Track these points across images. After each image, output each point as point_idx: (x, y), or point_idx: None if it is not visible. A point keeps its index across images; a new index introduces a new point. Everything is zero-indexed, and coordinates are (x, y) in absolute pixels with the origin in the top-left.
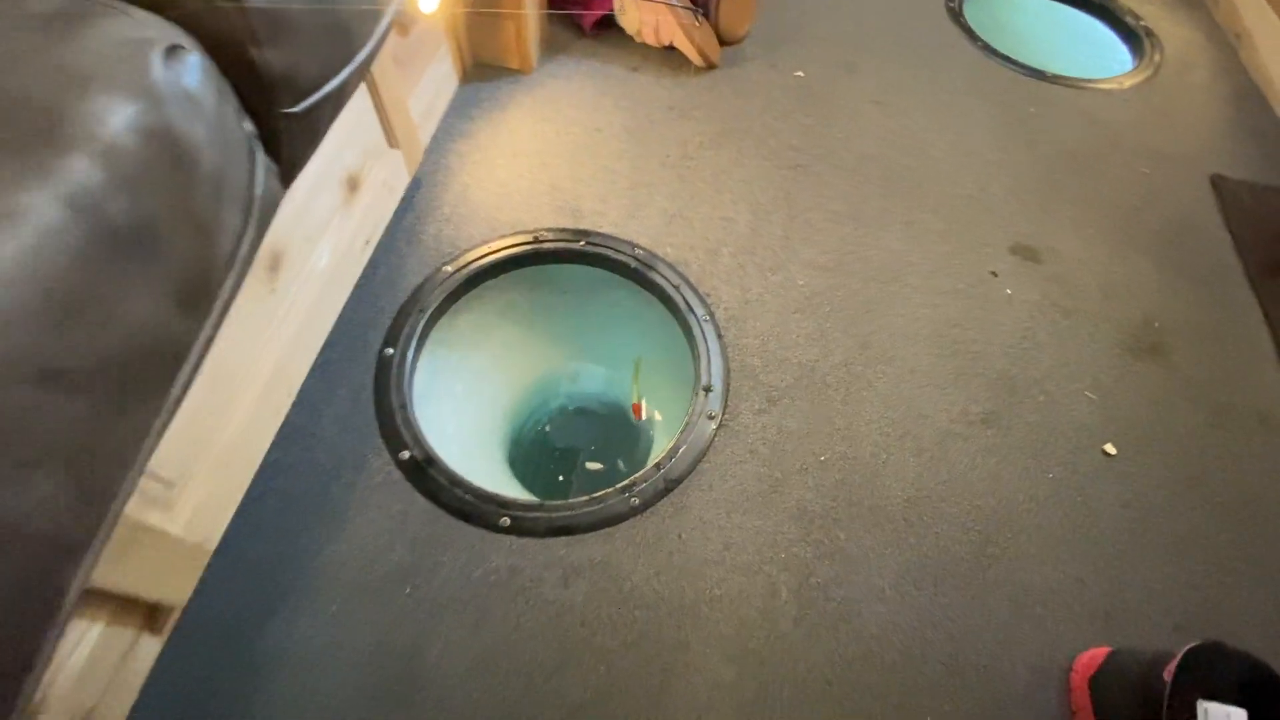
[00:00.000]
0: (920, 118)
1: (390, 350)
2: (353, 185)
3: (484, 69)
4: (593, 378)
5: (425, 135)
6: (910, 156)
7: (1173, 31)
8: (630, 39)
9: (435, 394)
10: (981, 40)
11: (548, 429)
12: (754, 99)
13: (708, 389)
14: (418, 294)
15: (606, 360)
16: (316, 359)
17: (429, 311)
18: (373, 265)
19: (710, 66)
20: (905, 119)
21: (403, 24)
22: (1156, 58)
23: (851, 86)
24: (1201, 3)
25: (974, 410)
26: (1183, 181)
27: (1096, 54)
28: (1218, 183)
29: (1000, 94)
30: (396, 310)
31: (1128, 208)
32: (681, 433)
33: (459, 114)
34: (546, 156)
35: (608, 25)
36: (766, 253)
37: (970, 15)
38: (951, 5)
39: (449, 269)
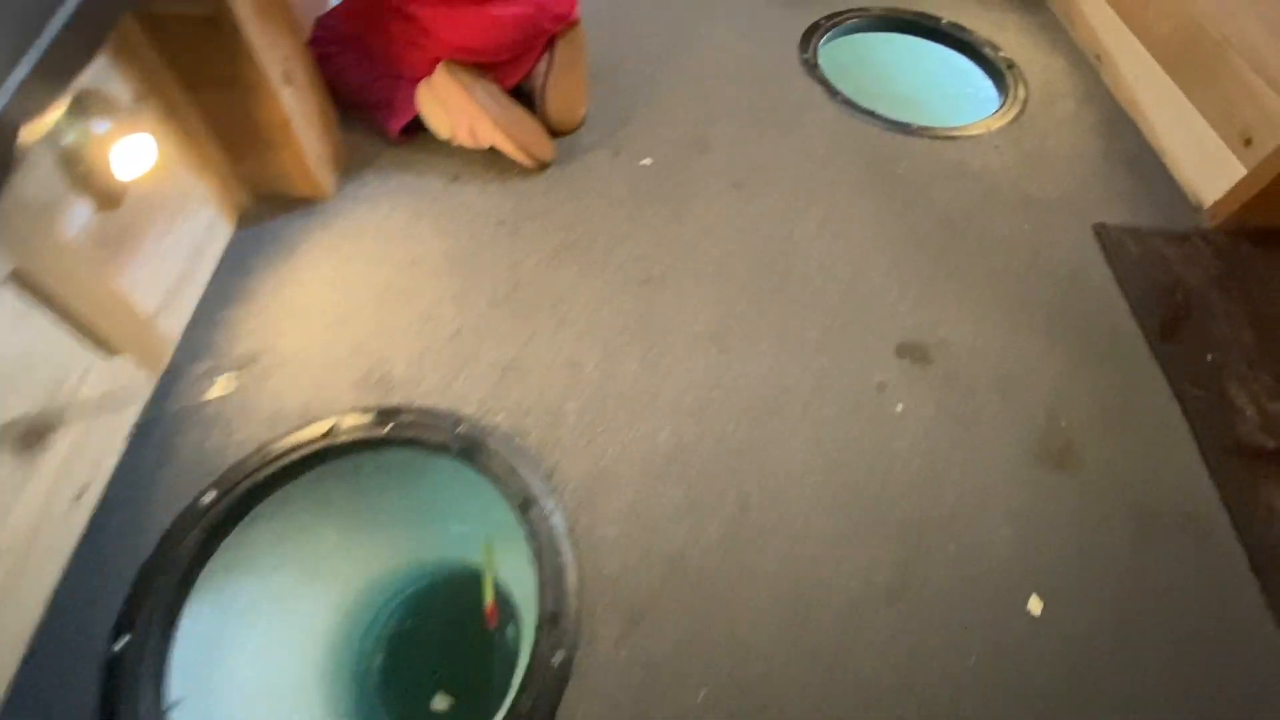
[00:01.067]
0: (783, 196)
1: (126, 639)
2: (29, 439)
3: (269, 202)
4: (434, 576)
5: (181, 313)
6: (776, 247)
7: (1034, 59)
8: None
9: (225, 646)
10: (841, 94)
11: (379, 659)
12: (596, 199)
13: (554, 619)
14: (167, 543)
15: (452, 550)
16: (7, 691)
17: (184, 564)
18: (99, 520)
19: (542, 165)
20: (767, 200)
21: (107, 195)
22: (1021, 92)
23: (706, 169)
24: (1059, 25)
25: (878, 580)
26: (1066, 235)
27: (962, 90)
28: (1101, 233)
29: (866, 155)
30: (136, 575)
31: (1014, 274)
32: (519, 690)
33: (235, 269)
34: (348, 310)
35: (420, 128)
36: (620, 401)
37: (826, 64)
38: (806, 58)
39: (209, 498)
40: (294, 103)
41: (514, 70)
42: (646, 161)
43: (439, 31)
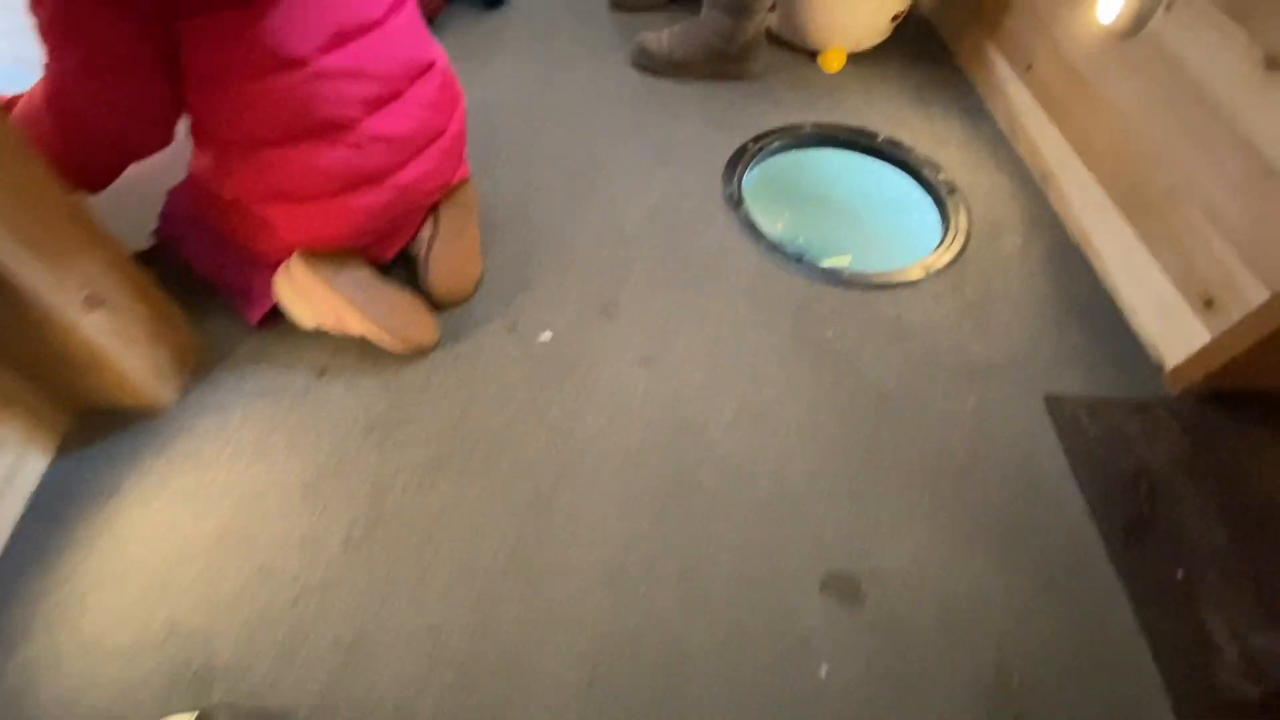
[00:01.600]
0: (697, 374)
1: None
2: None
3: (99, 417)
4: None
5: None
6: (687, 446)
7: (978, 179)
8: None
9: None
10: (766, 238)
11: None
12: (485, 387)
13: None
14: None
15: None
16: None
17: None
18: None
19: (423, 350)
20: (679, 380)
21: None
22: (963, 220)
23: (612, 341)
24: (1004, 140)
25: None
26: (1014, 411)
27: (902, 216)
28: (1054, 408)
29: (792, 315)
30: None
31: (957, 467)
32: None
33: (43, 517)
34: (172, 568)
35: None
36: (492, 678)
37: (754, 193)
38: (730, 192)
39: None
40: (106, 325)
41: (392, 242)
42: (546, 336)
43: (281, 230)
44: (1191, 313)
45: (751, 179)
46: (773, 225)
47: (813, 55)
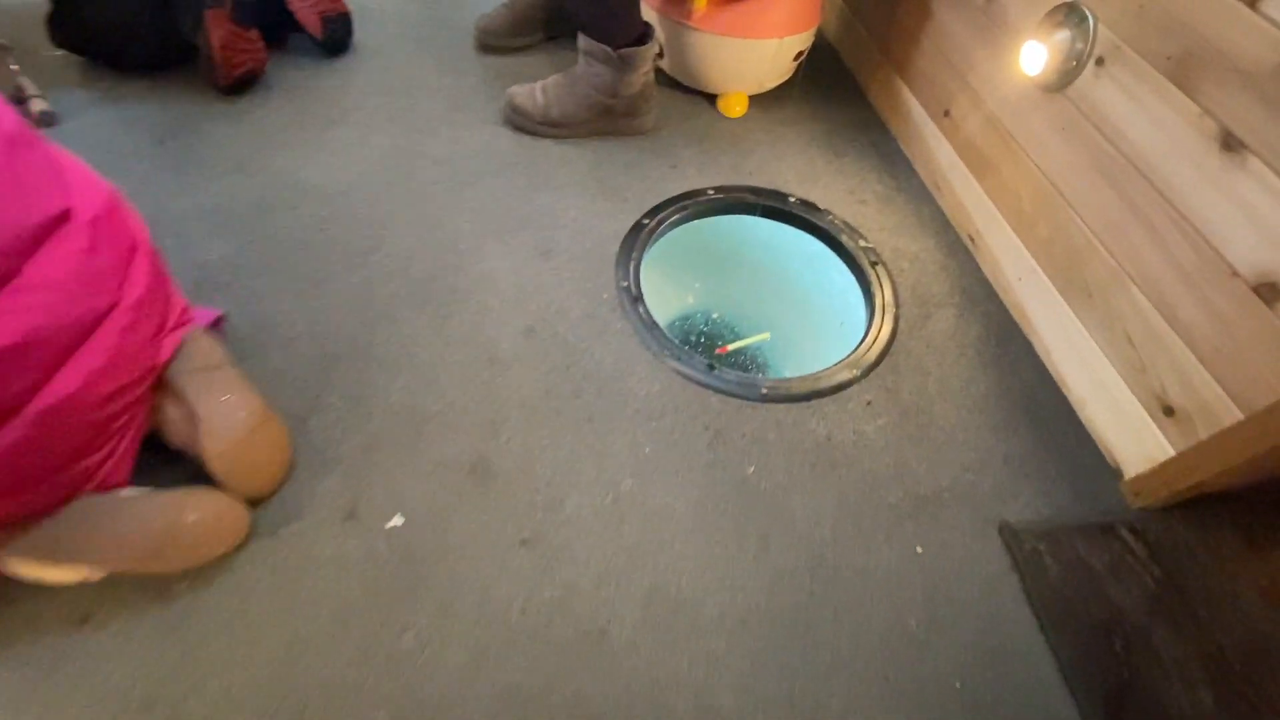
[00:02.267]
0: (594, 551)
1: None
2: None
3: None
4: None
5: None
6: (582, 663)
7: (902, 243)
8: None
9: None
10: (671, 345)
11: None
12: (313, 612)
13: None
14: None
15: None
16: None
17: None
18: None
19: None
20: (571, 565)
21: None
22: (890, 296)
23: (483, 518)
24: (927, 193)
25: None
26: (967, 553)
27: (820, 285)
28: (1011, 541)
29: (707, 448)
30: None
31: (911, 647)
32: None
33: None
34: None
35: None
36: None
37: (655, 276)
38: (625, 285)
39: None
40: None
41: (102, 467)
42: (396, 521)
43: None
44: (1149, 418)
45: (653, 254)
46: (683, 298)
47: (712, 99)
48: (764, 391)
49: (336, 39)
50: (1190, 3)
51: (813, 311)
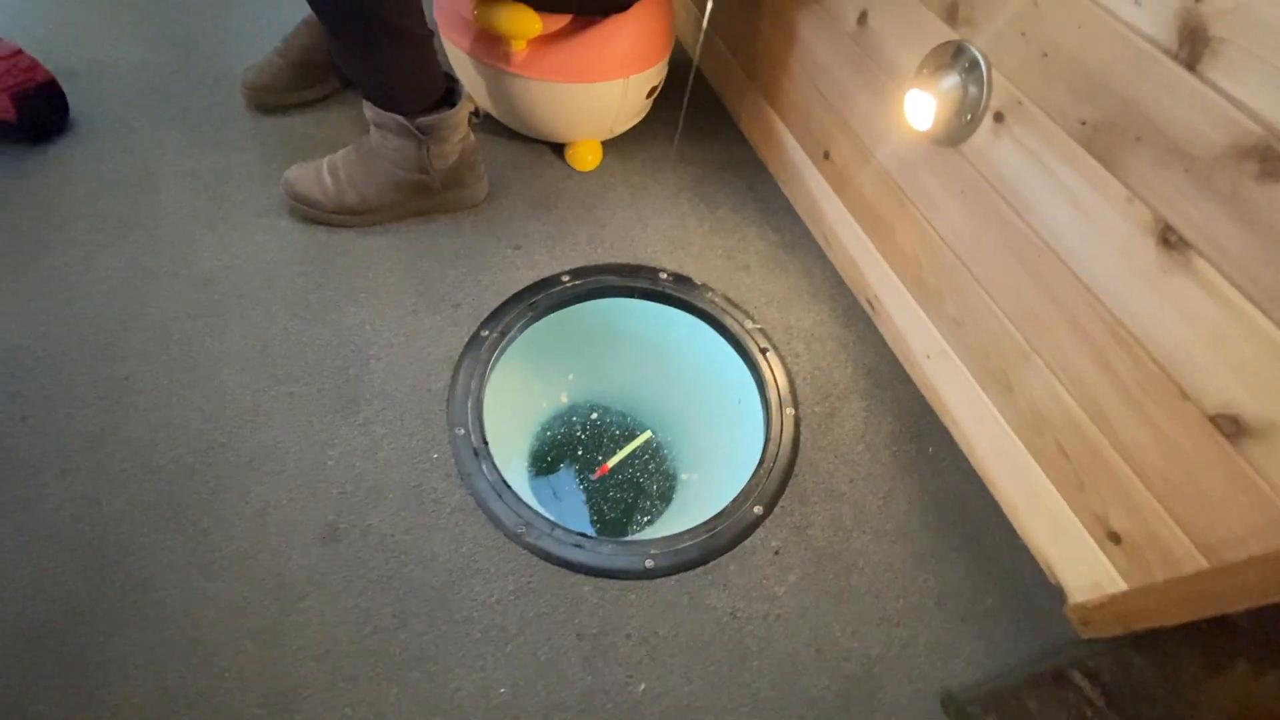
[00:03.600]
0: None
1: None
2: None
3: None
4: None
5: None
6: None
7: (793, 318)
8: None
9: None
10: (527, 511)
11: None
12: None
13: None
14: None
15: None
16: None
17: None
18: None
19: None
20: None
21: None
22: (785, 390)
23: None
24: (814, 245)
25: None
26: None
27: (704, 371)
28: (957, 717)
29: (582, 664)
30: None
31: None
32: None
33: None
34: None
35: None
36: None
37: (510, 385)
38: (462, 433)
39: None
40: None
41: None
42: None
43: None
44: (1092, 541)
45: (513, 350)
46: (556, 396)
47: (558, 149)
48: (649, 565)
49: (39, 121)
50: (1108, 57)
51: (705, 390)
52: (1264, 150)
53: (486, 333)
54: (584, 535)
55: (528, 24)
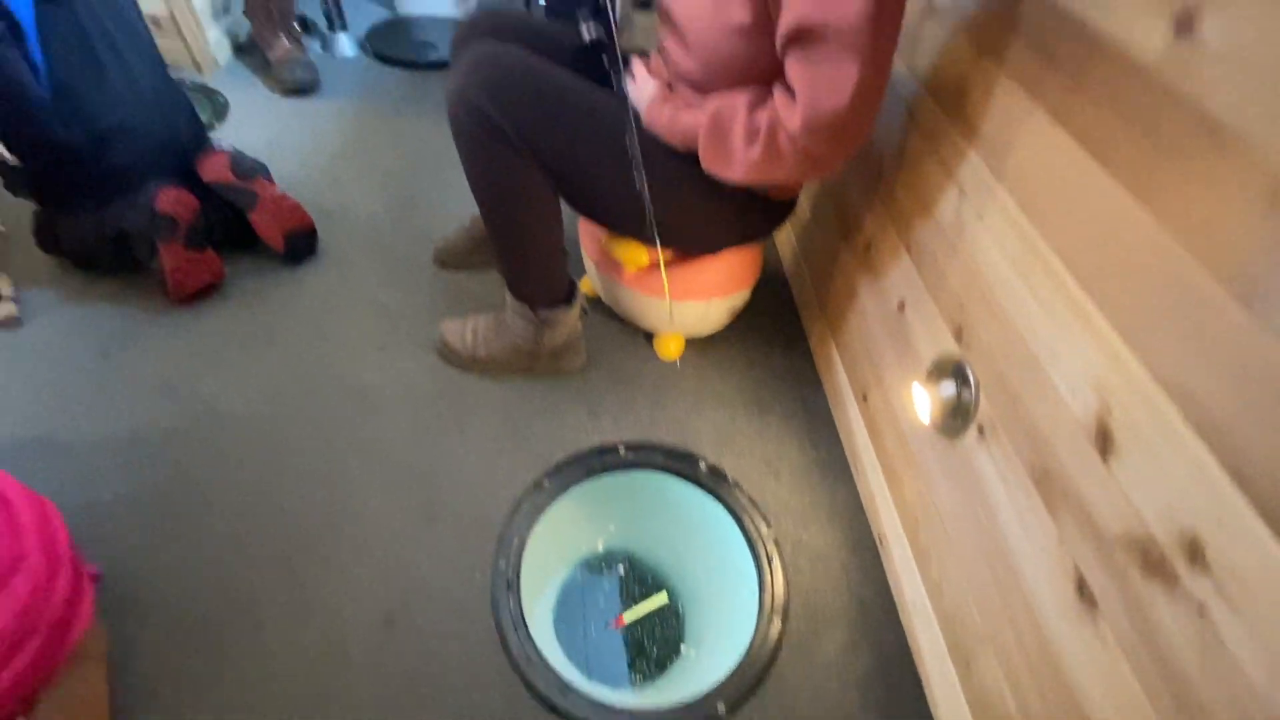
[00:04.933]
0: None
1: None
2: None
3: None
4: None
5: None
6: None
7: (807, 534)
8: None
9: None
10: (529, 651)
11: None
12: None
13: None
14: None
15: None
16: None
17: None
18: None
19: None
20: None
21: None
22: (780, 600)
23: None
24: (846, 469)
25: None
26: None
27: (718, 561)
28: None
29: None
30: None
31: None
32: None
33: None
34: None
35: None
36: None
37: (562, 520)
38: (503, 567)
39: None
40: None
41: None
42: None
43: None
44: None
45: (551, 513)
46: (593, 542)
47: (649, 335)
48: None
49: (298, 253)
50: (1052, 425)
51: (719, 572)
52: (1146, 547)
53: (548, 483)
54: (569, 685)
55: (638, 257)
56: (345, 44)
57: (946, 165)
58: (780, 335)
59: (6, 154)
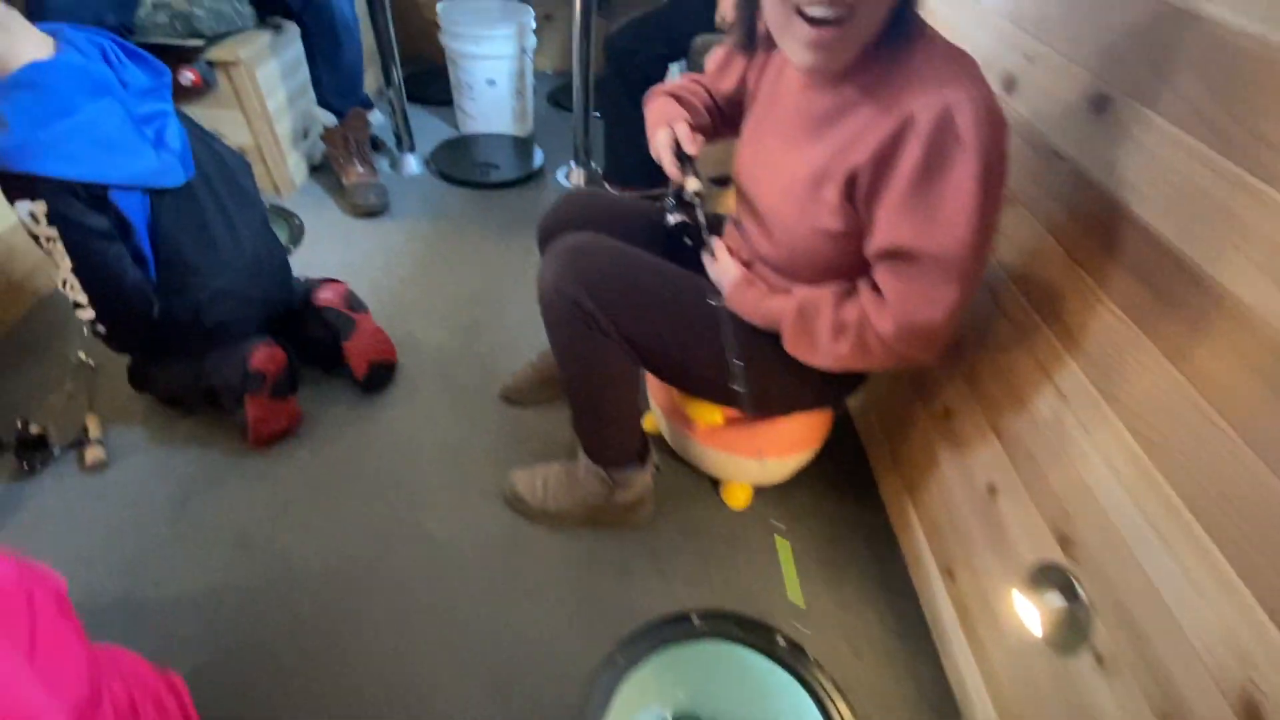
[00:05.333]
0: None
1: None
2: None
3: None
4: None
5: None
6: None
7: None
8: None
9: None
10: None
11: None
12: None
13: None
14: None
15: None
16: None
17: None
18: None
19: None
20: None
21: None
22: None
23: None
24: (931, 650)
25: None
26: None
27: None
28: None
29: None
30: None
31: None
32: None
33: None
34: None
35: None
36: None
37: (633, 687)
38: None
39: None
40: None
41: None
42: None
43: None
44: None
45: (623, 694)
46: (660, 710)
47: (715, 481)
48: None
49: (376, 383)
50: (1179, 667)
51: None
52: None
53: (621, 660)
54: None
55: (712, 416)
56: (412, 163)
57: (1041, 363)
58: (849, 482)
59: (100, 327)
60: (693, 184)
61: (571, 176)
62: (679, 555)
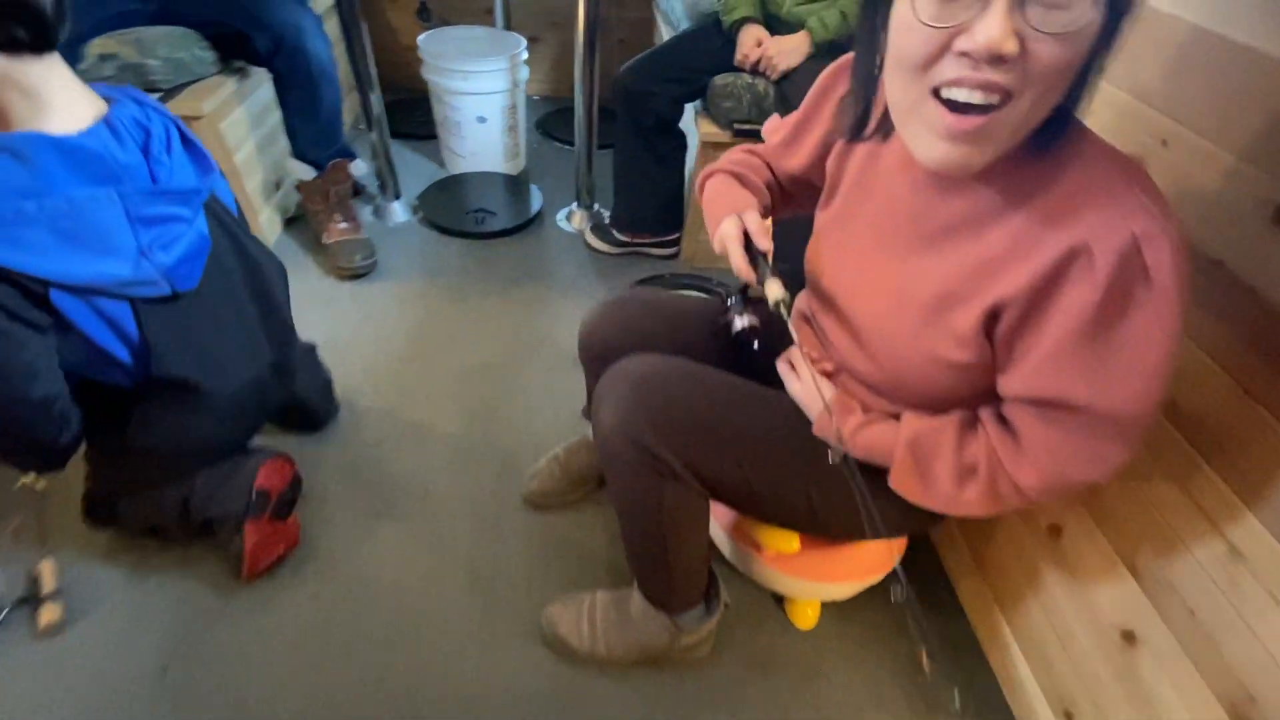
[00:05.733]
0: None
1: None
2: None
3: None
4: None
5: None
6: None
7: None
8: None
9: None
10: None
11: None
12: None
13: None
14: None
15: None
16: None
17: None
18: None
19: None
20: None
21: None
22: None
23: None
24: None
25: None
26: None
27: None
28: None
29: None
30: None
31: None
32: None
33: None
34: None
35: None
36: None
37: None
38: None
39: None
40: None
41: None
42: None
43: None
44: None
45: None
46: None
47: (779, 598)
48: None
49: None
50: None
51: None
52: None
53: None
54: None
55: (787, 545)
56: (398, 211)
57: (1204, 509)
58: (926, 592)
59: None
60: (775, 290)
61: (573, 220)
62: (749, 694)
